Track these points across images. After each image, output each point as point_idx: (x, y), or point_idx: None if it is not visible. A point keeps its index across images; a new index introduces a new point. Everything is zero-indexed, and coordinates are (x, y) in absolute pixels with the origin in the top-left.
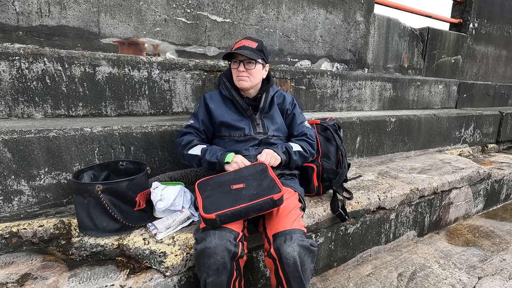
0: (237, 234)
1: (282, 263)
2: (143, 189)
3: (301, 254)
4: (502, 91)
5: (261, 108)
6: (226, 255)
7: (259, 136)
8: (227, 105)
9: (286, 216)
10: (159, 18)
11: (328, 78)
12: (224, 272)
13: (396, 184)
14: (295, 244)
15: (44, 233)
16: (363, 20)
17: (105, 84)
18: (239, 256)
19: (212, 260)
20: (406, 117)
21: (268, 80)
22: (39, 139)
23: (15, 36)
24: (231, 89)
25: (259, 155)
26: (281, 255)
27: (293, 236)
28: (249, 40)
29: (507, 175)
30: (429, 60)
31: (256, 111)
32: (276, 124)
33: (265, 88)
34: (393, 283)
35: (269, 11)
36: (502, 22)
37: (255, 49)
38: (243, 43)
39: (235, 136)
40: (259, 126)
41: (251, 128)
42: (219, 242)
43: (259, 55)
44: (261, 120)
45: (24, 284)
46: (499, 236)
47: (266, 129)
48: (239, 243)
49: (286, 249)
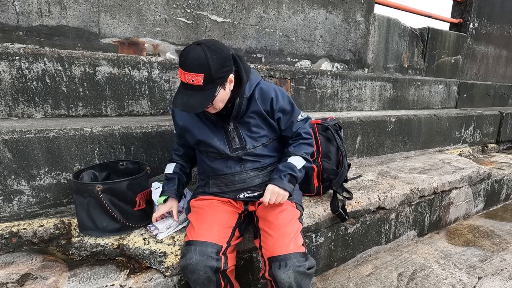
0: (219, 248)
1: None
2: (143, 189)
3: (298, 280)
4: (502, 91)
5: (234, 116)
6: (208, 270)
7: (237, 153)
8: (195, 118)
9: (283, 235)
10: (159, 18)
11: (328, 78)
12: (211, 284)
13: (396, 184)
14: (290, 271)
15: (44, 233)
16: (363, 20)
17: (105, 84)
18: (222, 270)
19: (196, 276)
20: (406, 117)
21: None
22: (39, 139)
23: (15, 36)
24: None
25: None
26: (276, 280)
27: (288, 263)
28: (190, 73)
29: (507, 175)
30: (429, 60)
31: (228, 120)
32: (256, 133)
33: (236, 93)
34: (393, 283)
35: (269, 11)
36: (502, 22)
37: (204, 86)
38: (185, 79)
39: (210, 153)
40: (234, 140)
41: (226, 144)
42: (200, 258)
43: (212, 88)
44: (236, 131)
45: (24, 284)
46: (499, 236)
47: (244, 142)
48: (222, 257)
49: (281, 275)
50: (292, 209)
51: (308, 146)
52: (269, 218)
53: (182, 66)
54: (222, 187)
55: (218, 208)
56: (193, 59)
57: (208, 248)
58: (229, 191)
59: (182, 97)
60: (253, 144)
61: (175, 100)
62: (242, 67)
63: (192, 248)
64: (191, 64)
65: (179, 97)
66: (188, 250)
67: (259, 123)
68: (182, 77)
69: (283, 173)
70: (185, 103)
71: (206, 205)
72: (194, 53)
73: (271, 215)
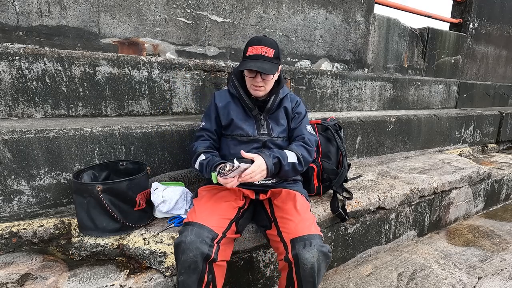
0: (215, 235)
1: (298, 267)
2: (143, 189)
3: (319, 260)
4: (502, 91)
5: (267, 109)
6: (198, 254)
7: (263, 137)
8: (234, 103)
9: (303, 219)
10: (159, 18)
11: (328, 78)
12: (195, 272)
13: (396, 184)
14: (315, 250)
15: (44, 233)
16: (363, 20)
17: (105, 84)
18: (211, 259)
19: (185, 256)
20: (406, 117)
21: (278, 82)
22: (39, 139)
23: (15, 36)
24: (239, 88)
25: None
26: (299, 260)
27: (313, 242)
28: (265, 47)
29: (507, 175)
30: (429, 60)
31: (262, 111)
32: (282, 126)
33: (274, 90)
34: (393, 283)
35: (269, 11)
36: (502, 22)
37: (273, 59)
38: (259, 51)
39: (237, 136)
40: (263, 127)
41: (255, 128)
42: (195, 239)
43: (277, 64)
44: (266, 121)
45: (24, 284)
46: (499, 236)
47: (271, 130)
48: (215, 245)
49: (305, 255)
50: (305, 200)
51: (308, 152)
52: (287, 207)
53: (257, 43)
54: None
55: (221, 199)
56: (266, 39)
57: (205, 232)
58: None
59: (255, 63)
60: (277, 134)
61: (247, 65)
62: (281, 71)
63: (190, 228)
64: (266, 42)
65: (250, 63)
66: (185, 229)
67: (284, 117)
68: (254, 51)
69: (274, 154)
70: (259, 66)
71: (212, 195)
72: (265, 38)
73: (288, 204)
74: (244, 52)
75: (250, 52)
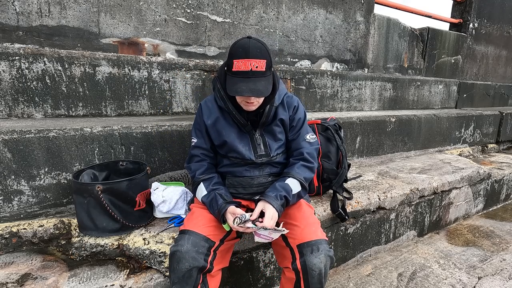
0: (212, 244)
1: (307, 275)
2: (143, 189)
3: (326, 265)
4: (502, 91)
5: (262, 123)
6: (193, 265)
7: (261, 159)
8: (224, 118)
9: (308, 224)
10: (159, 18)
11: (328, 78)
12: (189, 282)
13: (396, 184)
14: (322, 255)
15: (44, 233)
16: (363, 20)
17: (105, 84)
18: (207, 270)
19: (180, 265)
20: (406, 117)
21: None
22: (39, 139)
23: (15, 36)
24: (227, 101)
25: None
26: (307, 266)
27: (320, 247)
28: (255, 60)
29: (507, 175)
30: (429, 60)
31: (256, 126)
32: (279, 141)
33: (269, 99)
34: (393, 283)
35: (269, 11)
36: (502, 22)
37: (266, 71)
38: (248, 66)
39: (233, 158)
40: (260, 147)
41: (251, 149)
42: (191, 248)
43: (270, 75)
44: (262, 137)
45: (24, 284)
46: (499, 236)
47: (269, 149)
48: (211, 253)
49: (313, 260)
50: (308, 204)
51: (310, 171)
52: (291, 212)
53: (244, 55)
54: (238, 188)
55: None
56: (254, 48)
57: (201, 241)
58: (245, 193)
59: (246, 85)
60: (276, 152)
61: (237, 89)
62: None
63: (186, 237)
64: (254, 52)
65: (241, 85)
66: (181, 238)
67: (282, 131)
68: (243, 66)
69: (280, 193)
70: (252, 89)
71: None
72: (252, 43)
73: (292, 210)
74: (229, 64)
75: (237, 68)
